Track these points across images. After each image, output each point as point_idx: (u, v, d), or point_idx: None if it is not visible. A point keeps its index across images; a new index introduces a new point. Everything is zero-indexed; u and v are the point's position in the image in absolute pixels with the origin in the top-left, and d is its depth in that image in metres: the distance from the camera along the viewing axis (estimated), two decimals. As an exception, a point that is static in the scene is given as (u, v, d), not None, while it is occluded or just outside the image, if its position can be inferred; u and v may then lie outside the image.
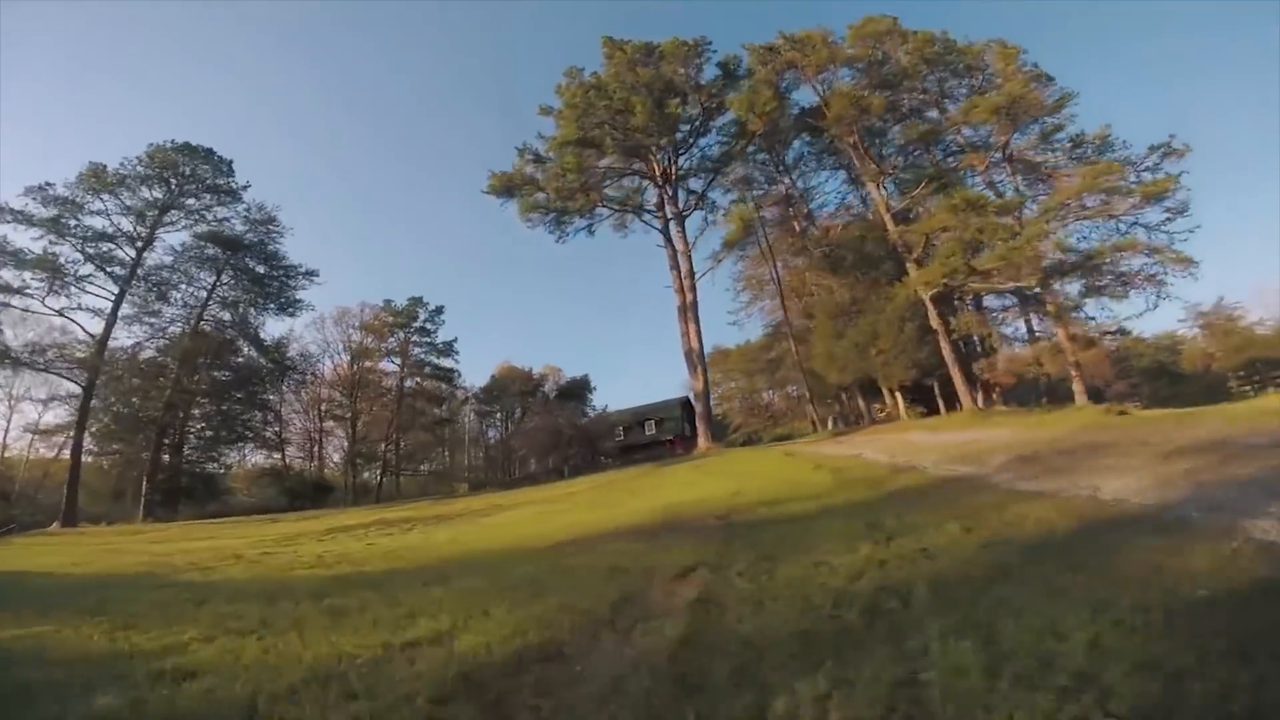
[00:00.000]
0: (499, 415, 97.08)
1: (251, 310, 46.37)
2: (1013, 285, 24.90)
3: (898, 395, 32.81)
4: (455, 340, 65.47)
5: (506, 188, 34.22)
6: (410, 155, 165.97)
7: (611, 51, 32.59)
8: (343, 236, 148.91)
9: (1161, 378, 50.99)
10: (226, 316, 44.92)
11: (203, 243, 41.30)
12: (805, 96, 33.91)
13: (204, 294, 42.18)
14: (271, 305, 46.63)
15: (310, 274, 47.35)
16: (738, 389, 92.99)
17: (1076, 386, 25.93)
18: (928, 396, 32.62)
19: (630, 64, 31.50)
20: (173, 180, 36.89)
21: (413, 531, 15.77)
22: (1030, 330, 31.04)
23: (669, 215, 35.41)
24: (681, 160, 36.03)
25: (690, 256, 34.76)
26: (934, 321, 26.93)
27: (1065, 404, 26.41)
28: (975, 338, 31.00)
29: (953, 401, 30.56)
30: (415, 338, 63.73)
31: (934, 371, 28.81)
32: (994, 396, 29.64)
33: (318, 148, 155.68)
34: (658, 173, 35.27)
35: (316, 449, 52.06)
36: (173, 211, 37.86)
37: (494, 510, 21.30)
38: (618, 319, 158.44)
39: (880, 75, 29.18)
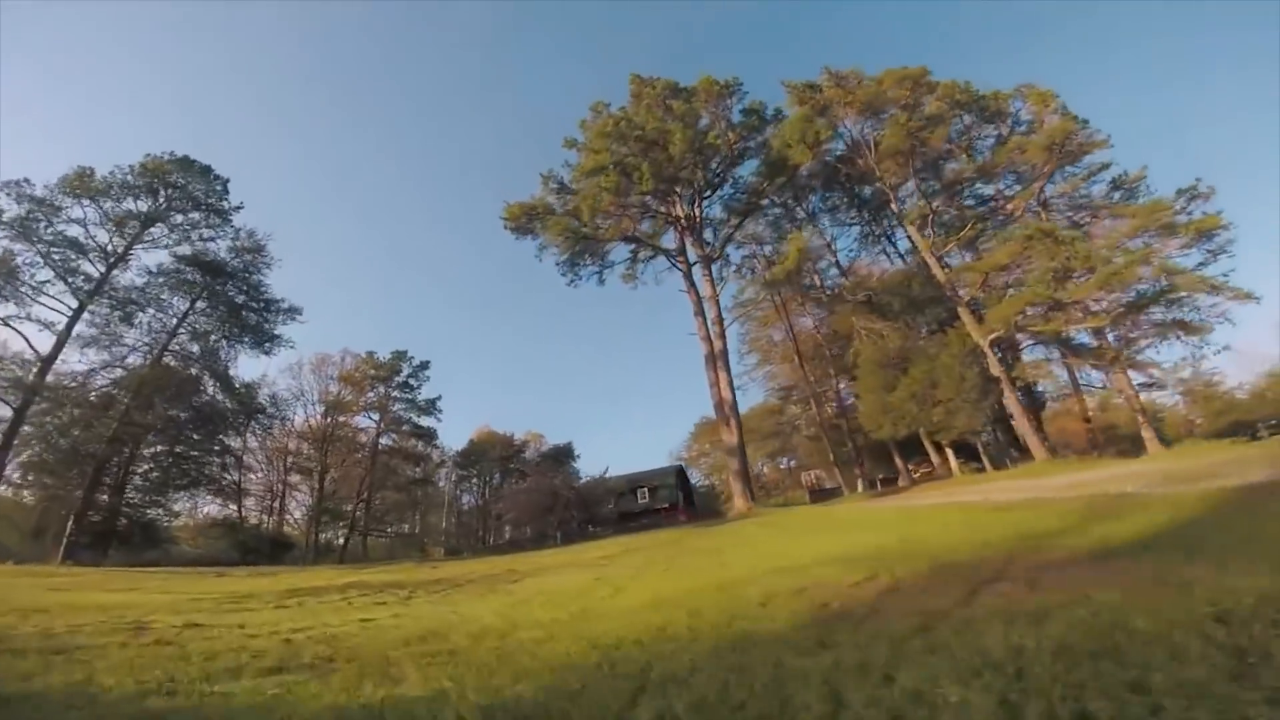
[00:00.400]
0: (475, 480, 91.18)
1: (224, 343, 42.10)
2: (1086, 326, 23.26)
3: (947, 450, 29.96)
4: (439, 399, 61.53)
5: (527, 215, 32.32)
6: (408, 203, 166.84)
7: (639, 89, 32.16)
8: (330, 279, 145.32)
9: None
10: (195, 349, 40.51)
11: (182, 265, 37.75)
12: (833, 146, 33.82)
13: (174, 322, 38.03)
14: (246, 339, 42.40)
15: (293, 310, 43.68)
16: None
17: (1146, 433, 23.84)
18: (969, 452, 30.11)
19: (660, 99, 30.94)
20: (162, 192, 33.93)
21: (415, 601, 11.00)
22: (1074, 380, 29.36)
23: (693, 259, 33.78)
24: (705, 206, 34.98)
25: (718, 302, 32.80)
26: (995, 369, 24.91)
27: (1134, 451, 24.22)
28: (1035, 386, 29.16)
29: (999, 457, 28.17)
30: (396, 393, 59.58)
31: (995, 422, 26.55)
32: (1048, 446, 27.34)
33: (314, 187, 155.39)
34: (681, 215, 33.99)
35: (278, 502, 45.99)
36: (156, 226, 34.59)
37: (516, 575, 16.76)
38: (599, 385, 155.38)
39: (914, 120, 29.06)
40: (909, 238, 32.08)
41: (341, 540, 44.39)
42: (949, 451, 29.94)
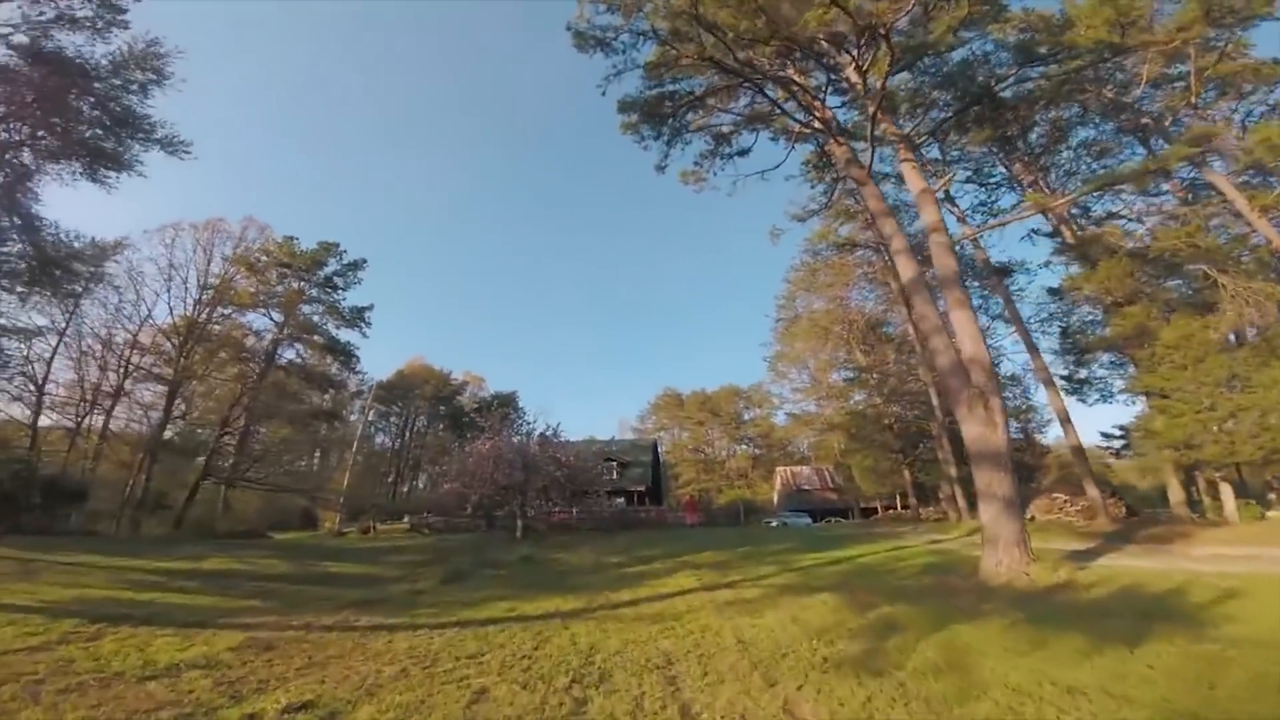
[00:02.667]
0: (395, 420, 74.25)
1: (35, 161, 24.02)
2: None
3: (1223, 486, 18.66)
4: (369, 309, 44.78)
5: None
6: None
7: None
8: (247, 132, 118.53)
9: None
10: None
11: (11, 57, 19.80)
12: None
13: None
14: (77, 161, 24.38)
15: (170, 141, 25.61)
16: (691, 439, 78.12)
17: None
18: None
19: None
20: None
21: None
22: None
23: (882, 137, 19.49)
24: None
25: (935, 201, 18.93)
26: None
27: None
28: None
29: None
30: (314, 291, 42.28)
31: None
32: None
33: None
34: (856, 78, 20.08)
35: (88, 418, 28.46)
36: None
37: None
38: (539, 336, 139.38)
39: None
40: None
41: (188, 489, 27.82)
42: (1226, 489, 18.79)
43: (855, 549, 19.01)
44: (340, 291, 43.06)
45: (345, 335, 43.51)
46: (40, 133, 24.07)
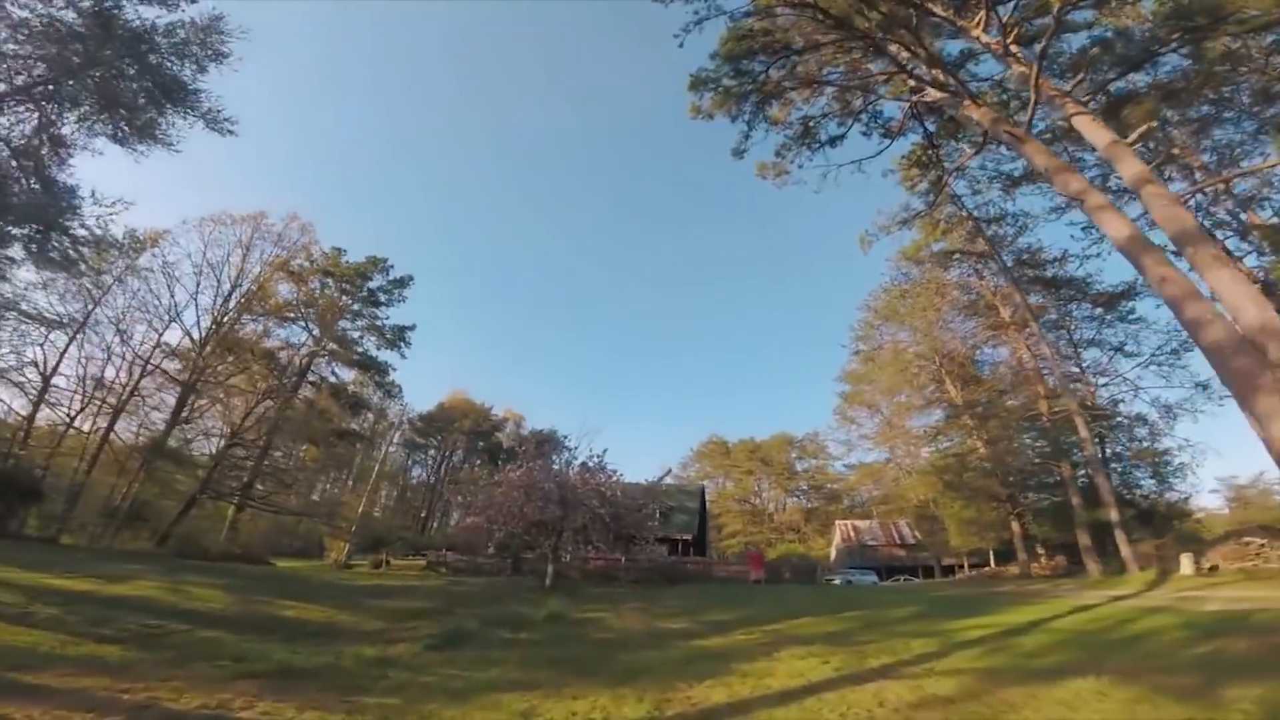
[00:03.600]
0: (433, 453, 70.62)
1: (68, 120, 21.94)
2: None
3: None
4: (412, 328, 41.72)
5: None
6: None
7: None
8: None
9: None
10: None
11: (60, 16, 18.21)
12: None
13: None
14: (113, 122, 22.05)
15: (215, 117, 22.99)
16: (736, 488, 70.94)
17: None
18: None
19: None
20: None
21: None
22: None
23: (1040, 93, 15.06)
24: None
25: (1133, 151, 14.20)
26: None
27: None
28: None
29: None
30: (356, 306, 39.61)
31: None
32: None
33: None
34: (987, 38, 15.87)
35: (94, 418, 25.30)
36: None
37: None
38: (585, 371, 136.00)
39: None
40: None
41: (182, 504, 23.86)
42: None
43: (1015, 613, 13.13)
44: (383, 308, 40.36)
45: (384, 356, 40.69)
46: (82, 96, 21.97)
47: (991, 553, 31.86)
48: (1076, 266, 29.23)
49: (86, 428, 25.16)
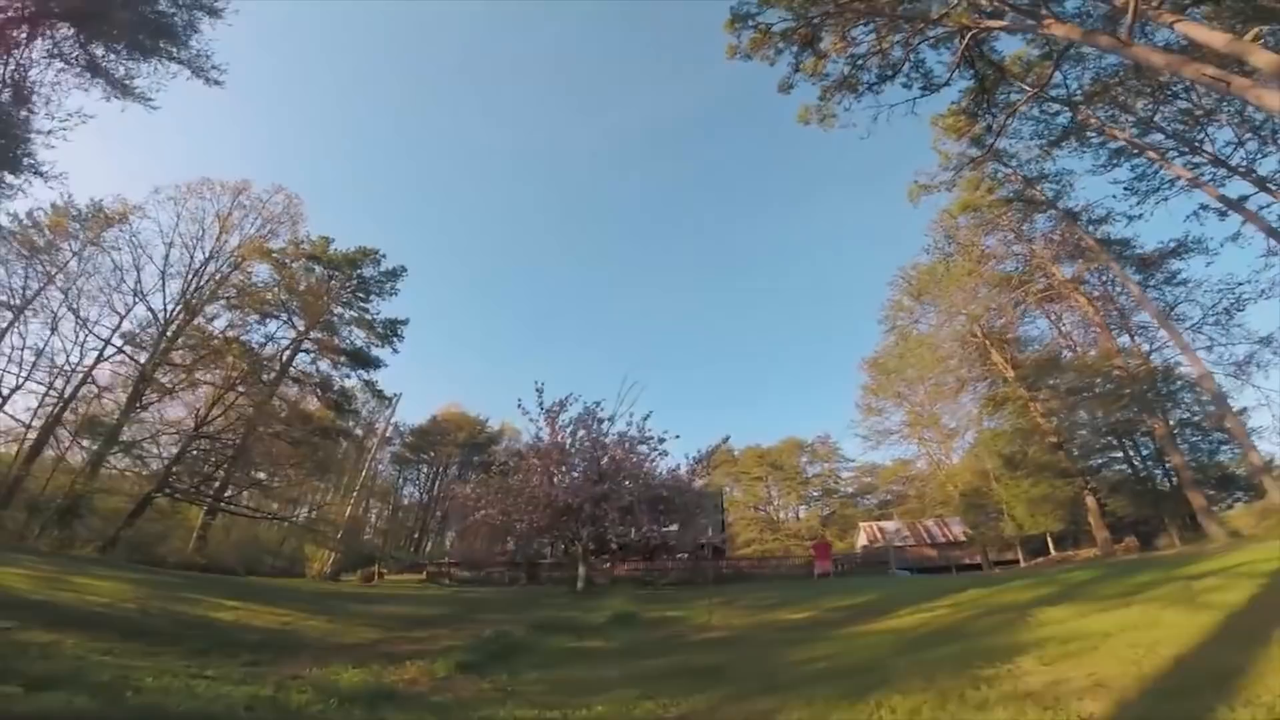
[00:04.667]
0: (425, 469, 65.69)
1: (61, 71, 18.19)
2: None
3: None
4: (404, 323, 37.84)
5: None
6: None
7: None
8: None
9: None
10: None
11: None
12: None
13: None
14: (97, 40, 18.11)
15: (199, 65, 19.13)
16: (745, 496, 66.78)
17: None
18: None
19: None
20: None
21: None
22: None
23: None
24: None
25: (1261, 43, 11.97)
26: None
27: None
28: None
29: None
30: (346, 296, 35.64)
31: None
32: None
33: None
34: None
35: (36, 408, 20.71)
36: None
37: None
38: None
39: None
40: None
41: (138, 500, 19.31)
42: None
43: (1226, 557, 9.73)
44: (375, 299, 36.45)
45: (376, 353, 36.57)
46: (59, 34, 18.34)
47: (1049, 539, 28.48)
48: (1124, 225, 26.98)
49: (25, 417, 20.74)
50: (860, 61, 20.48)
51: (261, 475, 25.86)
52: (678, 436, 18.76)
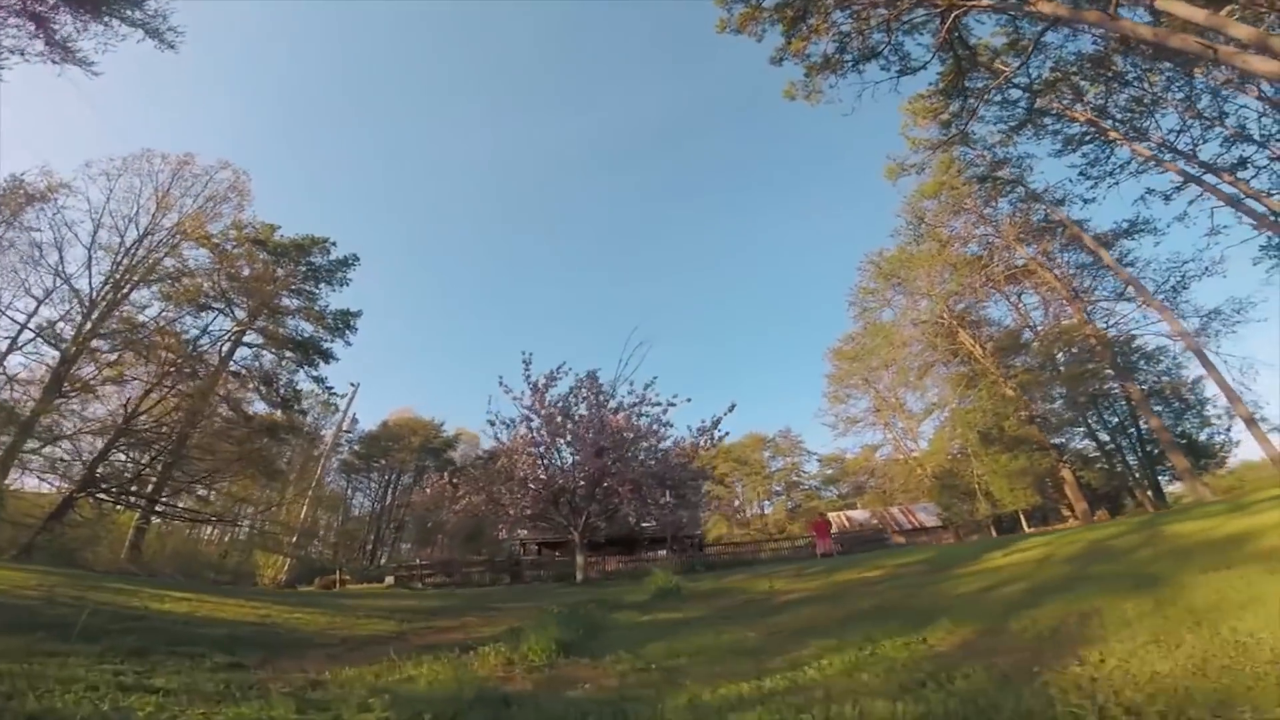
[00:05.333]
0: (375, 476, 61.50)
1: None
2: None
3: None
4: (358, 315, 35.02)
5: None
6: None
7: None
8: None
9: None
10: None
11: None
12: None
13: None
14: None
15: (154, 26, 16.59)
16: (717, 492, 66.36)
17: None
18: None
19: None
20: None
21: None
22: None
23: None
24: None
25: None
26: None
27: None
28: None
29: None
30: (292, 282, 32.53)
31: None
32: None
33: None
34: None
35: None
36: None
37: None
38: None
39: None
40: None
41: (55, 507, 16.22)
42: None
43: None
44: (324, 287, 33.52)
45: (326, 342, 33.55)
46: None
47: (1022, 516, 29.37)
48: (1080, 208, 28.42)
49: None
50: (844, 42, 20.56)
51: (202, 477, 22.77)
52: (689, 400, 17.41)
